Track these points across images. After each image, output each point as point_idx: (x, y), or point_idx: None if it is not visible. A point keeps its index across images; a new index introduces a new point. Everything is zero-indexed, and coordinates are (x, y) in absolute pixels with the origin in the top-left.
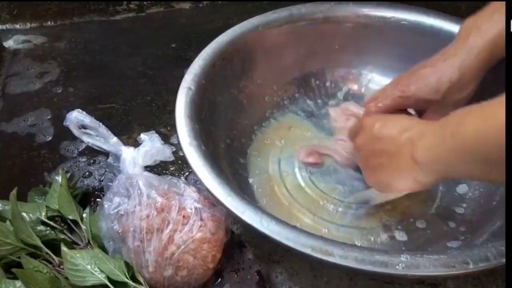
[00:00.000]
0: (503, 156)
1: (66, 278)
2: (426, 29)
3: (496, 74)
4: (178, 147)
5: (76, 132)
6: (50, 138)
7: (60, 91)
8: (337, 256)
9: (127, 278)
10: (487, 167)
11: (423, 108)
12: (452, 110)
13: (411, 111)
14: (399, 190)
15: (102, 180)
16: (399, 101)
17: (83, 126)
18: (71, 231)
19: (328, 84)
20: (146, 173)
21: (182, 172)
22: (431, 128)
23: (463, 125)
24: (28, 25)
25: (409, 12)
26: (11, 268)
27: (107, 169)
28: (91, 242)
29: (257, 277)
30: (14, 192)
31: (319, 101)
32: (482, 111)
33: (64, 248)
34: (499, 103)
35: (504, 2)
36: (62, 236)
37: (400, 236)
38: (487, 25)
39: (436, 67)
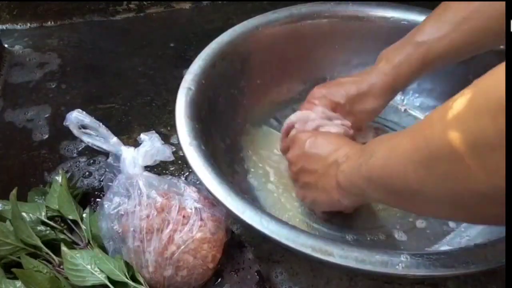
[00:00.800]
0: (410, 187)
1: (66, 278)
2: None
3: None
4: (178, 147)
5: (76, 132)
6: (47, 136)
7: (59, 90)
8: (337, 256)
9: (127, 278)
10: (398, 197)
11: (334, 110)
12: (356, 119)
13: None
14: (323, 209)
15: (102, 180)
16: (322, 100)
17: (83, 126)
18: (71, 231)
19: None
20: (146, 173)
21: (182, 172)
22: (354, 152)
23: (374, 153)
24: (28, 25)
25: (409, 12)
26: (11, 268)
27: (107, 169)
28: (91, 242)
29: (257, 277)
30: (14, 192)
31: None
32: (390, 141)
33: (64, 248)
34: (405, 133)
35: (412, 35)
36: (62, 236)
37: (400, 236)
38: (394, 55)
39: (353, 79)
